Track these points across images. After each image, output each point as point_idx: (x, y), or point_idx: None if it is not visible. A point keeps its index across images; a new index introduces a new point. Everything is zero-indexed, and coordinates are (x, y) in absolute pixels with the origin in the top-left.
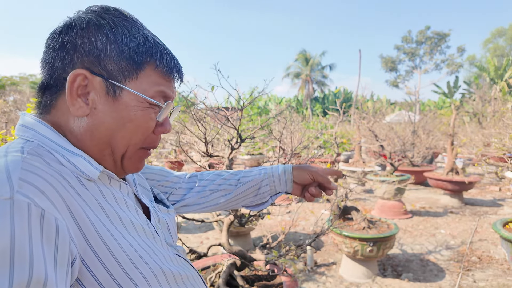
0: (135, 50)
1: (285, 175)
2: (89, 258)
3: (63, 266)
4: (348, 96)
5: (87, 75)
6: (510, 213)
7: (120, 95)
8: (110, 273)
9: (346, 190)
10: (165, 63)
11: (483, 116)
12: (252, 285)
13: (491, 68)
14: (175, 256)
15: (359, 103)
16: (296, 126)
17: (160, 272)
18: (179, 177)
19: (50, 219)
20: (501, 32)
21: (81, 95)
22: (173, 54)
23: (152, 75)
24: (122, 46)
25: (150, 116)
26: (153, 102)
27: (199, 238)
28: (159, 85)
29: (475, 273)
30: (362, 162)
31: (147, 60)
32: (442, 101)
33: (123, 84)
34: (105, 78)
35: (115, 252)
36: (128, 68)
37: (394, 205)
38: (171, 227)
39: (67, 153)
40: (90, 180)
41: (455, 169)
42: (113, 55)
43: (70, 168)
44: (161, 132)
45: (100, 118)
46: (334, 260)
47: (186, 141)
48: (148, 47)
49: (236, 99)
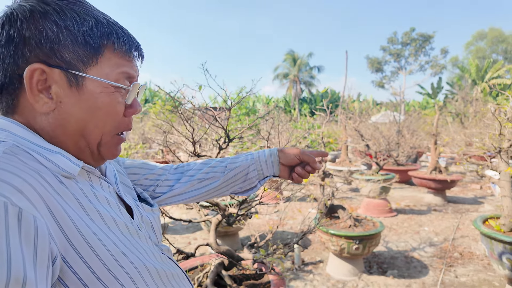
0: (89, 34)
1: (272, 158)
2: (70, 257)
3: (43, 266)
4: (335, 96)
5: (45, 69)
6: (490, 210)
7: (84, 84)
8: (93, 271)
9: (332, 189)
10: (123, 43)
11: (465, 116)
12: (240, 285)
13: (472, 70)
14: (160, 254)
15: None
16: (284, 126)
17: (144, 269)
18: (164, 169)
19: (28, 218)
20: (482, 35)
21: (43, 90)
22: (129, 32)
23: (112, 58)
24: (75, 32)
25: (118, 100)
26: (118, 86)
27: (187, 239)
28: (121, 66)
29: (457, 268)
30: (348, 161)
31: (104, 43)
32: (426, 101)
33: (84, 72)
34: (64, 69)
35: (97, 250)
36: (86, 54)
37: (380, 204)
38: (155, 226)
39: (44, 151)
40: (69, 178)
41: (438, 168)
42: (68, 43)
43: (48, 166)
44: (132, 114)
45: (68, 111)
46: (321, 258)
47: (174, 141)
48: (103, 29)
49: (224, 99)
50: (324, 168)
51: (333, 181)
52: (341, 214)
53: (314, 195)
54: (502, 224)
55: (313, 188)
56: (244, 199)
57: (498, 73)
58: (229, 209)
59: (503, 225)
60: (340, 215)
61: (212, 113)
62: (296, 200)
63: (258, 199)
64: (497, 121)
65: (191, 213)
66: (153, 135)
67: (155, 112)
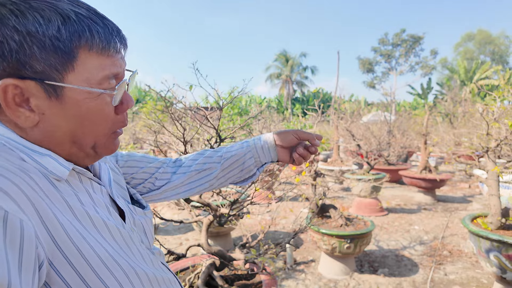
0: (57, 37)
1: (268, 143)
2: (58, 261)
3: (29, 271)
4: (327, 97)
5: (17, 83)
6: (478, 208)
7: (63, 93)
8: (81, 276)
9: (324, 189)
10: (98, 40)
11: (454, 116)
12: (231, 285)
13: (461, 71)
14: (152, 258)
15: (337, 103)
16: (276, 126)
17: (133, 274)
18: (163, 162)
19: (15, 221)
20: (470, 36)
21: (21, 103)
22: (105, 20)
23: (89, 59)
24: (39, 37)
25: (105, 102)
26: (100, 92)
27: (179, 240)
28: (102, 67)
29: (446, 266)
30: (340, 161)
31: (76, 45)
32: (416, 102)
33: (61, 81)
34: (38, 80)
35: (86, 255)
36: (59, 61)
37: (371, 203)
38: (147, 229)
39: (32, 153)
40: (59, 180)
41: (428, 168)
42: (35, 52)
43: (37, 167)
44: (124, 111)
45: (52, 122)
46: (313, 257)
47: (165, 141)
48: (72, 28)
49: (215, 98)
50: (316, 167)
51: (325, 181)
52: (332, 214)
53: (306, 194)
54: (489, 222)
55: (305, 187)
56: (236, 199)
57: (486, 74)
58: (221, 209)
59: (490, 223)
60: (332, 215)
61: (204, 113)
62: (288, 200)
63: (249, 199)
64: (485, 121)
65: (182, 214)
66: (144, 135)
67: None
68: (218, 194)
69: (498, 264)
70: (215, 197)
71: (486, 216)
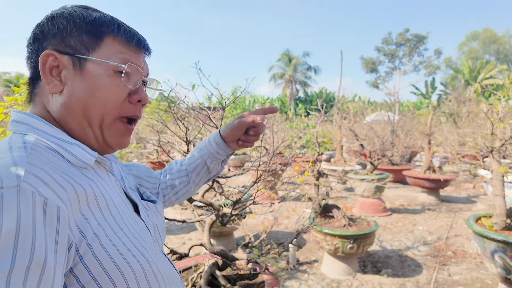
0: (92, 24)
1: (220, 145)
2: (83, 250)
3: (62, 252)
4: (330, 96)
5: (57, 56)
6: (483, 209)
7: (85, 66)
8: (101, 264)
9: (327, 189)
10: (123, 32)
11: (458, 116)
12: (234, 285)
13: (465, 70)
14: (162, 254)
15: (340, 103)
16: (279, 126)
17: (148, 266)
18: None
19: (53, 207)
20: (475, 35)
21: (55, 75)
22: (134, 29)
23: (113, 44)
24: (80, 23)
25: (117, 83)
26: (115, 66)
27: (182, 239)
28: (122, 53)
29: (450, 267)
30: (343, 161)
31: (104, 30)
32: (420, 101)
33: (87, 55)
34: (70, 54)
35: (106, 246)
36: (89, 40)
37: (374, 203)
38: (158, 225)
39: (63, 143)
40: (85, 168)
41: (432, 168)
42: (74, 32)
43: (68, 158)
44: (136, 100)
45: (70, 91)
46: (316, 257)
47: (168, 141)
48: (104, 20)
49: (218, 98)
50: (319, 167)
51: (328, 181)
52: (335, 214)
53: (308, 194)
54: (494, 222)
55: (308, 187)
56: (238, 199)
57: (490, 74)
58: (223, 209)
59: (495, 224)
60: (335, 215)
61: (206, 113)
62: (290, 199)
63: (252, 199)
64: (490, 121)
65: (185, 214)
66: (147, 135)
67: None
68: (220, 194)
69: (503, 265)
70: (218, 197)
71: (491, 217)
